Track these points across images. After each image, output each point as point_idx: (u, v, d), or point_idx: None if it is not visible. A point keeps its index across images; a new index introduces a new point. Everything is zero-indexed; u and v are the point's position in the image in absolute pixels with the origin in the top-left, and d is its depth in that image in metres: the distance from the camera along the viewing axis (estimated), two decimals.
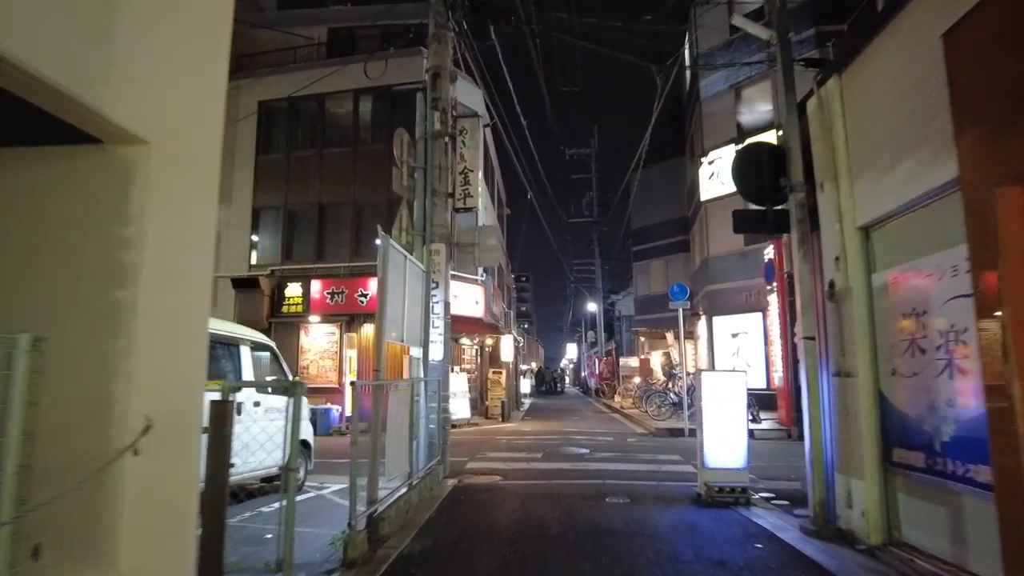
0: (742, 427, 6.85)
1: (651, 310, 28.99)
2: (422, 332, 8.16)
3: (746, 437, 6.85)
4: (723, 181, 19.88)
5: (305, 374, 16.93)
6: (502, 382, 18.29)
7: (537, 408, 25.83)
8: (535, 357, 70.17)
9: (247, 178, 18.52)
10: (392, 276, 6.32)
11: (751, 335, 18.65)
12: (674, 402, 16.37)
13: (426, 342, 8.32)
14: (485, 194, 20.87)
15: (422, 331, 8.15)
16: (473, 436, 14.26)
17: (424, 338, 8.25)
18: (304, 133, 18.60)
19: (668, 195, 29.08)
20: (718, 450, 6.80)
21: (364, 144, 17.99)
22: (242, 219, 18.31)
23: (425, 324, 8.25)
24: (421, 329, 8.13)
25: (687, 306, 14.83)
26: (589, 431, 15.15)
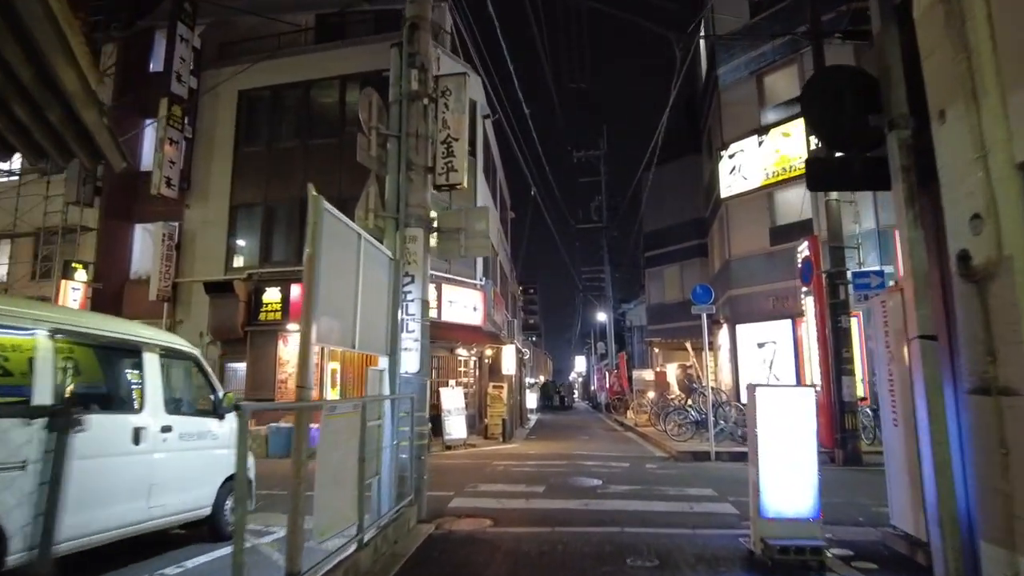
0: (811, 462, 5.06)
1: (665, 319, 27.15)
2: (388, 336, 6.40)
3: (816, 476, 5.05)
4: (745, 176, 18.16)
5: (283, 389, 15.22)
6: (503, 397, 16.50)
7: (543, 425, 23.97)
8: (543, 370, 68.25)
9: (225, 173, 16.96)
10: (332, 254, 4.61)
11: (780, 344, 16.79)
12: (696, 420, 14.53)
13: (394, 348, 6.56)
14: (486, 193, 19.22)
15: (388, 335, 6.40)
16: (467, 461, 12.46)
17: (392, 344, 6.49)
18: (287, 124, 17.02)
19: (682, 196, 27.35)
20: (780, 494, 5.00)
21: (352, 134, 16.23)
22: (219, 217, 16.73)
23: (393, 326, 6.50)
24: (387, 332, 6.39)
25: (712, 310, 13.05)
26: (601, 454, 13.31)
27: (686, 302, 27.48)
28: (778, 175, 17.20)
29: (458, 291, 15.82)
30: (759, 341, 17.32)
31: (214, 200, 16.88)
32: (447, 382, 15.42)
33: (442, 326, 15.23)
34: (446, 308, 15.29)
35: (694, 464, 11.56)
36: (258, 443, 14.41)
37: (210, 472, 6.02)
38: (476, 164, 17.44)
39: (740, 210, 18.56)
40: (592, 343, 43.51)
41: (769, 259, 17.41)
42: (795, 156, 16.75)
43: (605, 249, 34.44)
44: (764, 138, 17.66)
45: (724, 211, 19.17)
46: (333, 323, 4.66)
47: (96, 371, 5.45)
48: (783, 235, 17.13)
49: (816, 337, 12.75)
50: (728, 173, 18.74)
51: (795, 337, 16.33)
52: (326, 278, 4.38)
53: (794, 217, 17.02)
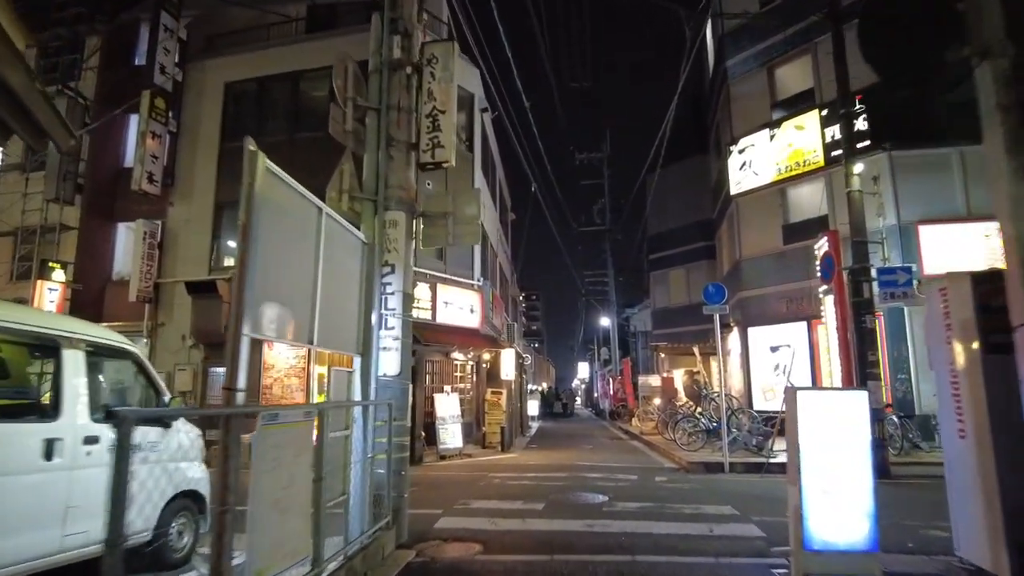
0: (866, 481, 4.17)
1: (671, 323, 26.28)
2: (360, 332, 5.53)
3: (873, 498, 4.16)
4: (756, 171, 17.31)
5: (268, 395, 14.35)
6: (502, 404, 15.61)
7: (545, 433, 23.04)
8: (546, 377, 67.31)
9: (210, 169, 16.14)
10: (279, 227, 3.76)
11: (794, 348, 15.87)
12: (707, 428, 13.61)
13: (368, 347, 5.70)
14: (486, 193, 18.38)
15: (360, 331, 5.53)
16: (461, 472, 11.57)
17: (365, 342, 5.62)
18: (275, 117, 16.20)
19: (688, 197, 26.56)
20: (828, 520, 4.12)
21: None
22: (203, 215, 15.91)
23: (366, 322, 5.63)
24: (359, 328, 5.52)
25: (725, 311, 12.16)
26: (606, 465, 12.41)
27: (692, 305, 26.75)
28: (791, 170, 16.35)
29: (454, 292, 14.97)
30: (772, 345, 16.42)
31: (199, 197, 16.07)
32: (442, 388, 14.56)
33: (437, 328, 14.38)
34: (441, 309, 14.44)
35: (707, 477, 10.65)
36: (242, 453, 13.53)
37: (151, 490, 5.14)
38: (474, 160, 16.63)
39: (751, 207, 17.69)
40: (595, 349, 42.59)
41: (782, 258, 16.54)
42: (809, 150, 15.91)
43: (608, 252, 33.58)
44: (776, 132, 16.82)
45: (734, 209, 18.31)
46: (280, 312, 3.79)
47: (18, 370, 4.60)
48: (797, 233, 16.27)
49: (837, 339, 11.85)
50: (738, 169, 17.89)
51: (811, 340, 15.44)
52: (269, 255, 3.52)
53: (809, 213, 16.16)
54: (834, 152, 15.32)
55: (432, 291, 14.27)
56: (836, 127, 15.27)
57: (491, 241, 19.03)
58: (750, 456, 12.19)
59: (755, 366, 16.78)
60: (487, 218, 18.10)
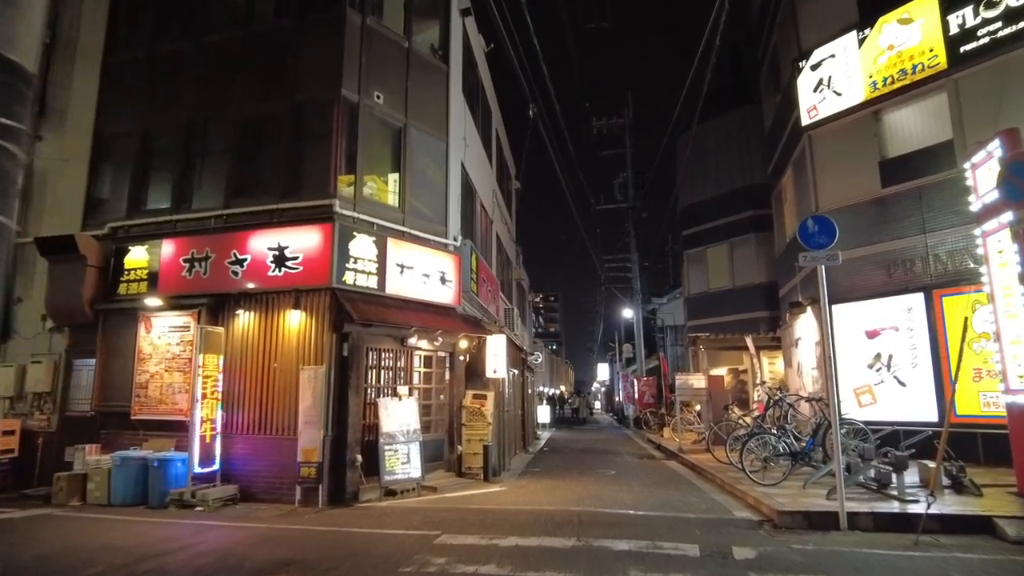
0: None
1: (711, 312, 21.49)
2: None
3: None
4: (839, 91, 12.60)
5: (142, 397, 9.92)
6: (487, 414, 11.00)
7: (554, 449, 18.34)
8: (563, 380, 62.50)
9: (90, 90, 11.81)
10: None
11: (904, 332, 11.11)
12: (791, 451, 8.90)
13: None
14: (475, 137, 13.84)
15: None
16: (396, 529, 7.03)
17: None
18: (176, 18, 11.75)
19: (729, 159, 21.82)
20: None
21: (261, 23, 11.10)
22: (79, 151, 11.58)
23: None
24: None
25: (835, 259, 7.48)
26: (642, 515, 7.77)
27: (737, 290, 21.70)
28: (893, 83, 11.61)
29: (415, 252, 10.43)
30: (869, 328, 11.62)
31: (74, 129, 11.73)
32: (394, 390, 9.99)
33: (385, 302, 9.85)
34: (394, 276, 9.91)
35: (817, 540, 6.02)
36: (96, 483, 9.14)
37: None
38: (449, 75, 12.08)
39: (831, 142, 12.93)
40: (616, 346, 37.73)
41: (880, 208, 11.77)
42: (922, 50, 11.17)
43: (631, 233, 28.79)
44: (867, 32, 12.09)
45: (804, 149, 13.54)
46: None
47: None
48: (902, 170, 11.52)
49: (1005, 311, 7.13)
50: (812, 91, 13.15)
51: (931, 320, 10.65)
52: None
53: (921, 141, 11.40)
54: (965, 46, 10.57)
55: (379, 248, 9.75)
56: (967, 9, 10.54)
57: (480, 198, 14.46)
58: (872, 498, 7.50)
59: (844, 358, 11.97)
60: (473, 163, 13.56)
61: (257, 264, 9.59)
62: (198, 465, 8.98)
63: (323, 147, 9.91)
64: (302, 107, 10.27)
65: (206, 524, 7.45)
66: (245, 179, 10.38)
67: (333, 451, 8.96)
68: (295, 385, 9.14)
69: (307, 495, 8.81)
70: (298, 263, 9.38)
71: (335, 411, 9.10)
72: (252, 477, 9.28)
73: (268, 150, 10.36)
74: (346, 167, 9.93)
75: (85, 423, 10.41)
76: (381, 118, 10.56)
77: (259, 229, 9.75)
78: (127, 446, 9.71)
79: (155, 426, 9.83)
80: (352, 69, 10.18)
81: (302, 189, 9.89)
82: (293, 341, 9.42)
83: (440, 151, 11.62)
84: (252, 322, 9.72)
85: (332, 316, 9.27)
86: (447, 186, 11.59)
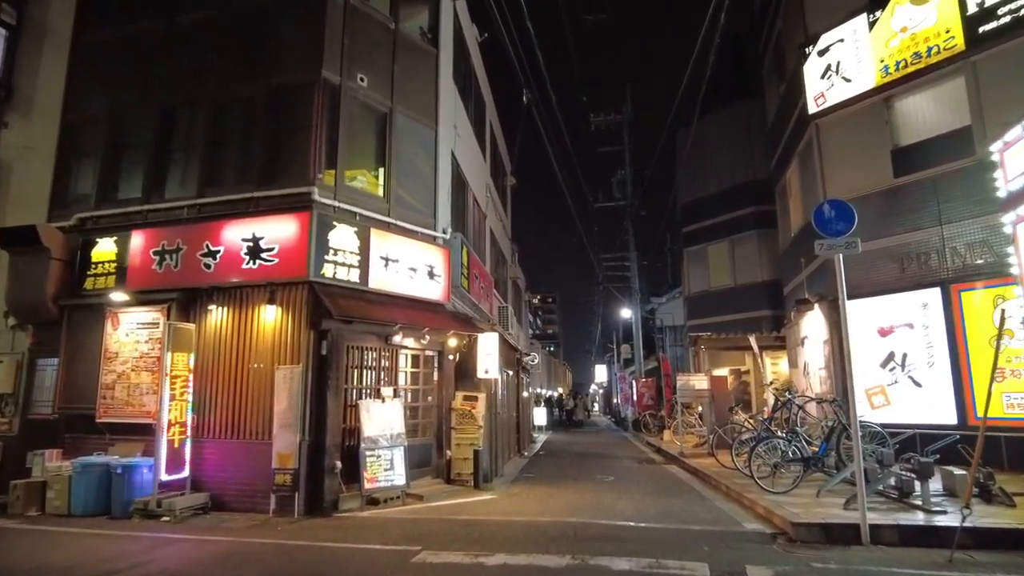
0: None
1: (712, 311, 20.88)
2: None
3: None
4: (848, 76, 12.01)
5: (108, 399, 9.27)
6: (478, 417, 10.36)
7: (550, 453, 17.69)
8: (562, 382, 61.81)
9: (58, 75, 11.16)
10: None
11: (919, 329, 10.49)
12: (803, 456, 8.27)
13: None
14: (466, 126, 13.23)
15: None
16: (371, 543, 6.40)
17: None
18: None
19: (731, 153, 21.22)
20: None
21: (239, 1, 10.45)
22: (46, 138, 10.92)
23: None
24: None
25: (854, 248, 6.89)
26: (644, 527, 7.14)
27: (739, 288, 21.01)
28: (906, 67, 11.01)
29: (402, 244, 9.80)
30: (883, 325, 11.01)
31: (42, 116, 11.10)
32: (377, 391, 9.35)
33: (368, 298, 9.22)
34: (377, 269, 9.28)
35: (843, 560, 5.38)
36: (58, 490, 8.49)
37: None
38: (438, 59, 11.46)
39: (840, 131, 12.31)
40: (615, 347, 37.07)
41: (893, 199, 11.16)
42: (937, 32, 10.57)
43: (630, 232, 28.15)
44: (879, 14, 11.49)
45: (812, 139, 12.93)
46: None
47: None
48: (916, 159, 10.92)
49: None
50: (819, 77, 12.55)
51: (950, 316, 10.04)
52: None
53: (935, 128, 10.81)
54: (985, 26, 9.98)
55: (362, 239, 9.12)
56: None
57: (473, 191, 13.83)
58: (894, 508, 6.88)
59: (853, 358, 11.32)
60: (465, 154, 12.94)
61: (231, 256, 8.94)
62: (166, 472, 8.32)
63: (303, 132, 9.27)
64: (281, 90, 9.62)
65: (166, 537, 6.80)
66: (220, 167, 9.75)
67: (310, 457, 8.31)
68: (270, 386, 8.50)
69: (283, 504, 8.16)
70: (274, 255, 8.73)
71: (313, 414, 8.46)
72: (225, 484, 8.63)
73: (244, 136, 9.71)
74: (327, 153, 9.28)
75: (48, 426, 9.74)
76: (365, 102, 9.92)
77: (233, 219, 9.10)
78: (92, 451, 9.05)
79: (122, 430, 9.17)
80: (334, 50, 9.55)
81: (280, 177, 9.24)
82: (268, 339, 8.78)
83: (429, 139, 10.99)
84: (225, 318, 9.07)
85: (310, 312, 8.63)
86: (436, 176, 10.96)
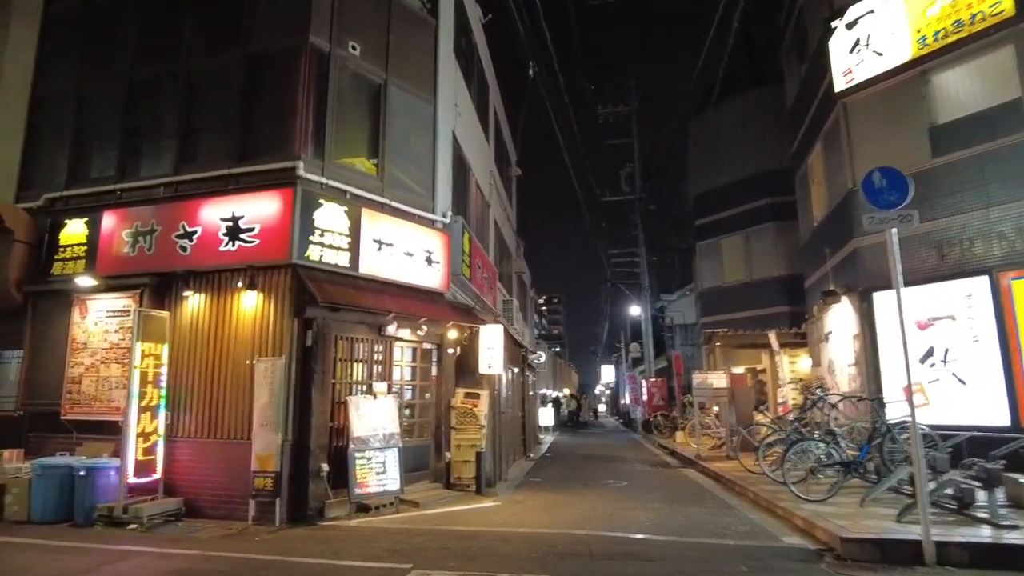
0: None
1: (726, 307, 19.99)
2: None
3: None
4: (880, 50, 11.13)
5: (74, 394, 8.46)
6: (480, 416, 9.51)
7: (557, 455, 16.81)
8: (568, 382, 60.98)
9: (25, 42, 10.36)
10: None
11: (963, 322, 9.59)
12: (843, 461, 7.38)
13: None
14: (468, 107, 12.40)
15: None
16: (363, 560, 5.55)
17: None
18: None
19: (746, 143, 20.32)
20: None
21: None
22: (13, 114, 10.11)
23: None
24: None
25: (910, 220, 5.99)
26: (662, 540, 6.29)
27: (754, 284, 20.05)
28: (946, 36, 10.11)
29: (396, 227, 8.96)
30: (919, 318, 10.09)
31: (10, 91, 10.30)
32: (368, 387, 8.50)
33: (359, 285, 8.38)
34: (369, 252, 8.44)
35: None
36: (17, 494, 7.68)
37: None
38: (438, 28, 10.63)
39: (870, 109, 11.41)
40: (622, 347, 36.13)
41: (930, 181, 10.22)
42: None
43: (639, 227, 27.28)
44: None
45: (838, 120, 12.03)
46: None
47: None
48: (957, 137, 10.02)
49: None
50: (847, 53, 11.65)
51: (999, 305, 9.13)
52: None
53: (978, 103, 9.90)
54: None
55: (352, 220, 8.28)
56: None
57: (476, 176, 12.99)
58: (954, 521, 5.99)
59: (887, 354, 10.47)
60: (467, 135, 12.10)
61: (208, 237, 8.12)
62: (134, 475, 7.51)
63: (287, 103, 8.43)
64: (264, 57, 8.79)
65: (124, 549, 5.98)
66: (198, 142, 8.92)
67: (293, 459, 7.46)
68: (250, 380, 7.66)
69: (263, 510, 7.33)
70: (254, 235, 7.90)
71: (297, 411, 7.63)
72: (200, 488, 7.81)
73: (224, 108, 8.86)
74: (314, 126, 8.44)
75: (12, 424, 8.93)
76: (356, 72, 9.09)
77: (211, 197, 8.30)
78: (57, 451, 8.25)
79: (90, 427, 8.37)
80: (323, 14, 8.72)
81: (262, 152, 8.41)
82: (248, 328, 7.95)
83: (427, 115, 10.15)
84: (201, 306, 8.24)
85: (293, 298, 7.79)
86: (435, 155, 10.12)
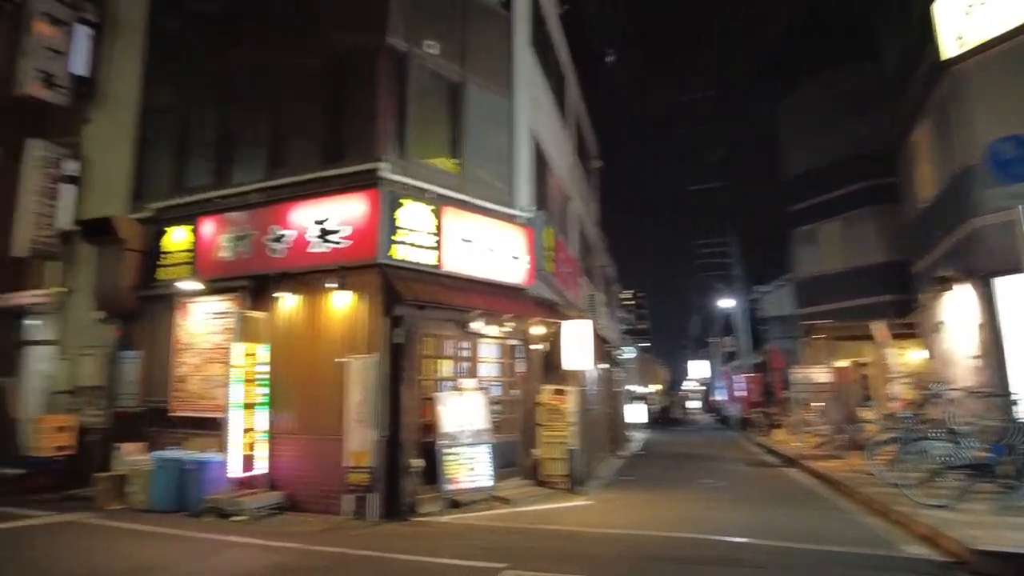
0: None
1: (823, 298, 18.83)
2: None
3: None
4: (999, 8, 10.07)
5: (180, 393, 8.96)
6: (568, 413, 9.35)
7: (650, 453, 16.39)
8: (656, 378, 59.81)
9: (132, 61, 11.07)
10: None
11: None
12: (972, 463, 6.70)
13: None
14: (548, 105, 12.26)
15: None
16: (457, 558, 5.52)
17: None
18: None
19: (837, 123, 18.98)
20: None
21: None
22: (120, 131, 10.82)
23: None
24: None
25: None
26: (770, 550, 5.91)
27: (849, 272, 18.77)
28: None
29: (478, 223, 8.94)
30: None
31: (119, 107, 11.04)
32: (456, 382, 8.52)
33: (445, 281, 8.41)
34: (453, 250, 8.46)
35: None
36: (138, 484, 8.22)
37: None
38: (511, 21, 10.52)
39: (988, 74, 10.32)
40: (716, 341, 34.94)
41: None
42: None
43: (730, 214, 26.27)
44: None
45: (946, 90, 11.01)
46: None
47: None
48: None
49: None
50: (959, 16, 10.65)
51: None
52: None
53: None
54: None
55: (437, 217, 8.33)
56: None
57: (556, 170, 12.83)
58: None
59: (1014, 344, 9.47)
60: (545, 129, 11.95)
61: (298, 240, 8.38)
62: (238, 469, 7.86)
63: (368, 104, 8.57)
64: (344, 59, 8.97)
65: (229, 540, 6.25)
66: (287, 146, 9.23)
67: (387, 455, 7.57)
68: (341, 378, 7.84)
69: (359, 505, 7.48)
70: (342, 236, 8.09)
71: (388, 408, 7.74)
72: (301, 483, 8.07)
73: (309, 112, 9.11)
74: (395, 126, 8.54)
75: (134, 419, 9.56)
76: (434, 70, 9.13)
77: (301, 200, 8.55)
78: (169, 445, 8.77)
79: (195, 424, 8.84)
80: (399, 15, 8.81)
81: (347, 154, 8.61)
82: (338, 327, 8.14)
83: (504, 110, 10.07)
84: (295, 306, 8.52)
85: (382, 297, 7.91)
86: (513, 149, 10.04)
